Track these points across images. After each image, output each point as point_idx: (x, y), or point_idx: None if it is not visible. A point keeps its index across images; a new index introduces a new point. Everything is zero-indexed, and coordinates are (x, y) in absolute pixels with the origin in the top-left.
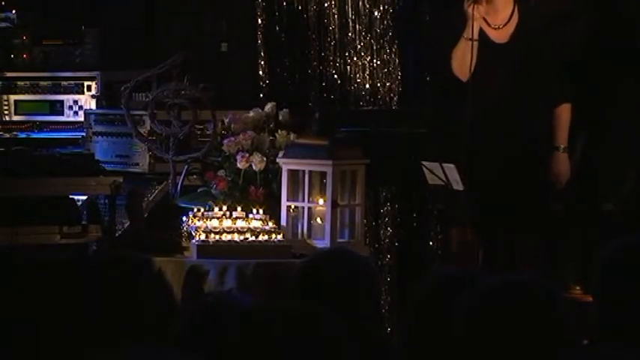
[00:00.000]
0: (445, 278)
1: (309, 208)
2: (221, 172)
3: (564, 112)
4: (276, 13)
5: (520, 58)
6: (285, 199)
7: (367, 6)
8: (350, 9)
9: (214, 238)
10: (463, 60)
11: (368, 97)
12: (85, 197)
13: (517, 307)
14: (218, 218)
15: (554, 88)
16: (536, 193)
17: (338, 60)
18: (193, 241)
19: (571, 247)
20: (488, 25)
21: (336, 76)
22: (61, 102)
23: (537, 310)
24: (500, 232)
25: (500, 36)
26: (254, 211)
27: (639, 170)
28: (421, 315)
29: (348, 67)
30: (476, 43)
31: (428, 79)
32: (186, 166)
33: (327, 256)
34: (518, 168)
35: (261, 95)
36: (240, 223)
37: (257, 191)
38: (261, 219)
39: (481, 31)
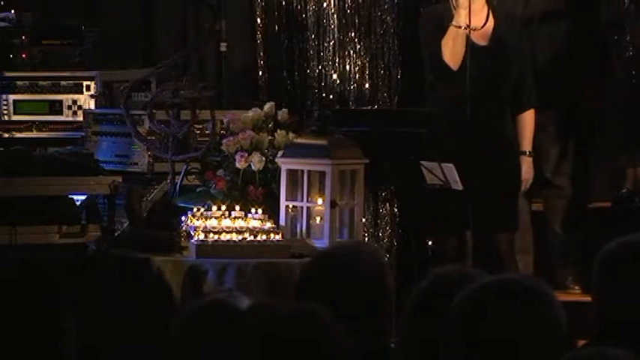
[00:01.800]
0: (441, 278)
1: (308, 208)
2: (220, 172)
3: (531, 118)
4: (276, 13)
5: (497, 61)
6: (284, 199)
7: (366, 6)
8: (349, 9)
9: (213, 237)
10: (454, 48)
11: (367, 97)
12: (84, 197)
13: (511, 306)
14: (217, 218)
15: (523, 94)
16: (509, 192)
17: (337, 60)
18: (192, 240)
19: (570, 247)
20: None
21: (335, 75)
22: (60, 102)
23: (531, 308)
24: (487, 232)
25: (478, 37)
26: (253, 210)
27: (638, 170)
28: (418, 315)
29: (347, 66)
30: (465, 31)
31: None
32: (185, 166)
33: (344, 250)
34: (502, 168)
35: (260, 95)
36: (239, 223)
37: (256, 191)
38: (260, 219)
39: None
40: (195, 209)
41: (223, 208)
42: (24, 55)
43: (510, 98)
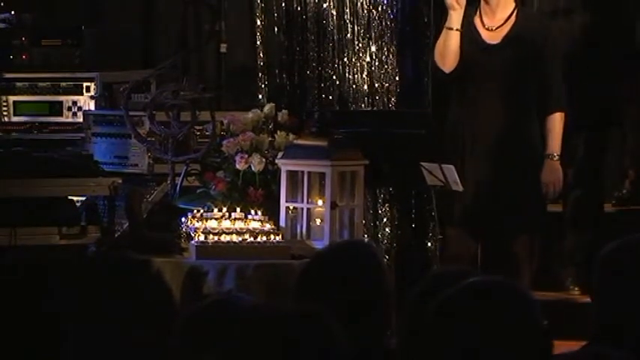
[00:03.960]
0: (440, 278)
1: (308, 209)
2: (220, 173)
3: (558, 121)
4: (275, 15)
5: (511, 60)
6: (284, 200)
7: (366, 7)
8: (349, 10)
9: (213, 239)
10: (445, 49)
11: (367, 98)
12: (84, 198)
13: (483, 307)
14: (217, 219)
15: (548, 96)
16: (531, 195)
17: (337, 61)
18: (192, 242)
19: (570, 248)
20: (483, 25)
21: (334, 77)
22: (60, 103)
23: (504, 309)
24: (495, 234)
25: (492, 37)
26: (253, 212)
27: (639, 170)
28: (416, 315)
29: (347, 68)
30: (457, 33)
31: (426, 79)
32: (185, 167)
33: (342, 249)
34: (512, 168)
35: (260, 96)
36: (239, 224)
37: (256, 192)
38: (260, 220)
39: (473, 30)
40: (195, 210)
41: (223, 209)
42: (24, 56)
43: (537, 100)
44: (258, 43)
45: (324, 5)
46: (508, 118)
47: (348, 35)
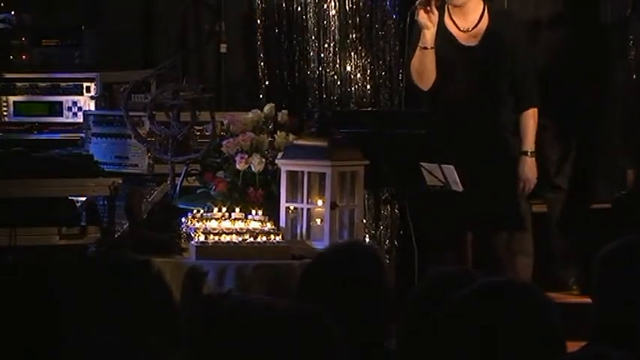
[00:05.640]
0: (440, 279)
1: (308, 210)
2: (220, 174)
3: (531, 117)
4: (276, 15)
5: (490, 60)
6: (284, 200)
7: (367, 6)
8: (349, 10)
9: (213, 239)
10: (422, 68)
11: (367, 99)
12: (84, 198)
13: (498, 307)
14: (217, 219)
15: (521, 93)
16: (508, 194)
17: (337, 61)
18: (192, 242)
19: (569, 248)
20: (457, 27)
21: (335, 77)
22: (60, 103)
23: (520, 310)
24: (475, 232)
25: (468, 39)
26: (253, 212)
27: (637, 170)
28: (416, 316)
29: (348, 68)
30: (432, 51)
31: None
32: (185, 167)
33: (340, 250)
34: (490, 167)
35: (261, 96)
36: (239, 225)
37: (256, 192)
38: (260, 220)
39: (449, 35)
40: (195, 211)
41: (223, 209)
42: (24, 57)
43: (510, 98)
44: (258, 43)
45: (324, 5)
46: (485, 116)
47: (349, 35)
